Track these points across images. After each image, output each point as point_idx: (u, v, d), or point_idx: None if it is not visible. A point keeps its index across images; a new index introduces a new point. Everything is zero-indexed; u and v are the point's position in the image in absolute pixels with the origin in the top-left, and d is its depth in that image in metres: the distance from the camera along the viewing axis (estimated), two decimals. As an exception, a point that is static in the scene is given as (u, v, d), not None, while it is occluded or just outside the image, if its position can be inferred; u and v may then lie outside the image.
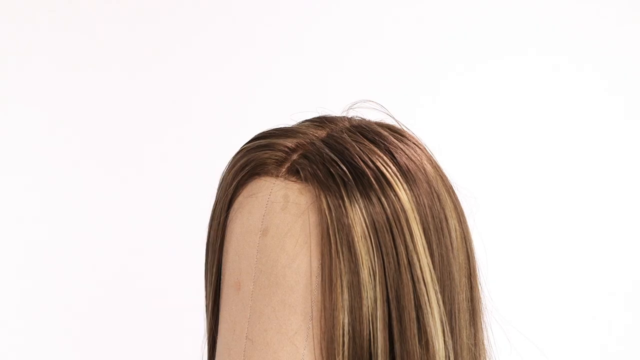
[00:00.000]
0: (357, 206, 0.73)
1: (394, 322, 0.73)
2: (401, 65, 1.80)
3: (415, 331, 0.73)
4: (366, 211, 0.73)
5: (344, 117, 0.83)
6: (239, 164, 0.79)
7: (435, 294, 0.74)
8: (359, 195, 0.73)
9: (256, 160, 0.78)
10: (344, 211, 0.72)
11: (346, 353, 0.72)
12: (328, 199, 0.73)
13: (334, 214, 0.72)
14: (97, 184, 1.70)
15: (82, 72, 1.72)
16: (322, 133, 0.79)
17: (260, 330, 0.74)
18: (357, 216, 0.72)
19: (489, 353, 0.83)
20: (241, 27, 1.78)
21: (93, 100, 1.72)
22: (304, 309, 0.74)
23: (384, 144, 0.77)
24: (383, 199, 0.73)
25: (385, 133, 0.79)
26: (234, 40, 1.78)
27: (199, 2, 1.78)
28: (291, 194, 0.75)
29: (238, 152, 0.81)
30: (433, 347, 0.74)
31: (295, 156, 0.77)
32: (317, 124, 0.81)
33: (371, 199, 0.73)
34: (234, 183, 0.79)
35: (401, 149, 0.77)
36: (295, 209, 0.74)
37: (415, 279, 0.73)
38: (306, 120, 0.83)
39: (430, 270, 0.74)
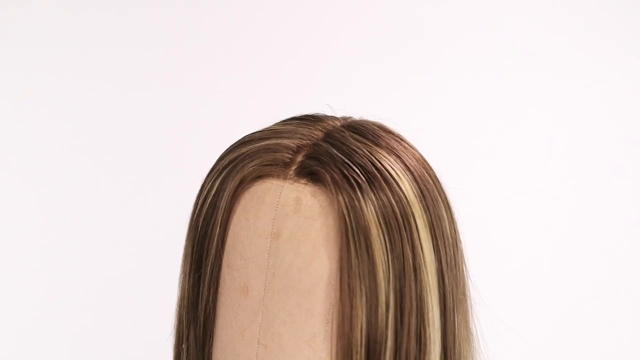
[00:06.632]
0: (372, 208, 0.72)
1: (399, 324, 0.73)
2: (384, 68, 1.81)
3: (414, 332, 0.74)
4: (380, 213, 0.73)
5: (332, 116, 0.82)
6: (237, 167, 0.77)
7: (438, 294, 0.75)
8: (373, 197, 0.73)
9: (258, 162, 0.76)
10: (361, 213, 0.72)
11: (363, 356, 0.72)
12: (346, 201, 0.72)
13: (352, 217, 0.72)
14: (103, 188, 1.73)
15: (93, 80, 1.74)
16: (318, 133, 0.78)
17: (275, 334, 0.73)
18: (373, 217, 0.72)
19: (477, 345, 0.83)
20: (231, 31, 1.79)
21: (103, 108, 1.74)
22: (320, 312, 0.73)
23: (386, 144, 0.77)
24: (393, 201, 0.73)
25: (382, 133, 0.79)
26: (226, 43, 1.79)
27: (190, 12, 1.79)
28: (303, 197, 0.74)
29: (228, 155, 0.79)
30: (430, 344, 0.75)
31: (300, 157, 0.75)
32: (309, 123, 0.80)
33: (383, 201, 0.73)
34: (234, 186, 0.77)
35: (401, 150, 0.78)
36: (309, 212, 0.73)
37: (419, 281, 0.74)
38: (291, 119, 0.81)
39: (434, 275, 0.75)
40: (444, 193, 0.80)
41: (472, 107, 1.82)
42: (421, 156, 0.80)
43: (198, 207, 0.80)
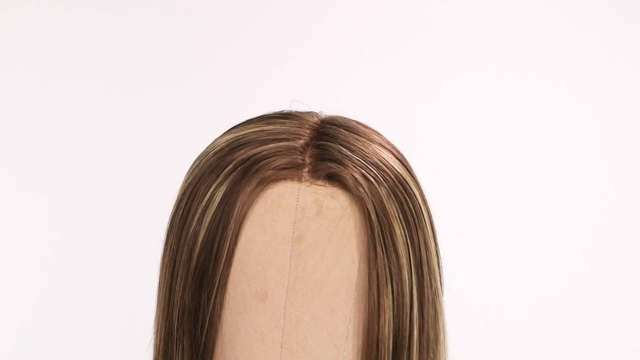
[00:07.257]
0: (392, 205, 0.73)
1: (421, 315, 0.75)
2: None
3: (432, 322, 0.76)
4: (400, 209, 0.74)
5: (304, 112, 0.81)
6: (249, 172, 0.74)
7: (440, 281, 0.78)
8: (392, 195, 0.73)
9: (272, 166, 0.74)
10: (385, 212, 0.73)
11: (390, 351, 0.73)
12: (372, 200, 0.73)
13: (377, 216, 0.72)
14: (103, 188, 1.73)
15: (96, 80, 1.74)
16: (308, 131, 0.77)
17: (299, 337, 0.73)
18: (395, 215, 0.73)
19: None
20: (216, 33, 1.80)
21: (103, 108, 1.75)
22: (344, 311, 0.73)
23: (377, 141, 0.78)
24: (406, 196, 0.75)
25: (363, 128, 0.79)
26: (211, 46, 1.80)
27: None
28: (323, 199, 0.73)
29: (225, 160, 0.76)
30: (442, 332, 0.77)
31: (308, 159, 0.74)
32: (291, 121, 0.78)
33: (399, 197, 0.74)
34: (250, 191, 0.74)
35: (386, 144, 0.79)
36: (331, 214, 0.73)
37: (431, 271, 0.76)
38: (269, 118, 0.80)
39: (437, 264, 0.78)
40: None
41: (472, 107, 1.83)
42: (398, 148, 0.81)
43: (197, 214, 0.76)
